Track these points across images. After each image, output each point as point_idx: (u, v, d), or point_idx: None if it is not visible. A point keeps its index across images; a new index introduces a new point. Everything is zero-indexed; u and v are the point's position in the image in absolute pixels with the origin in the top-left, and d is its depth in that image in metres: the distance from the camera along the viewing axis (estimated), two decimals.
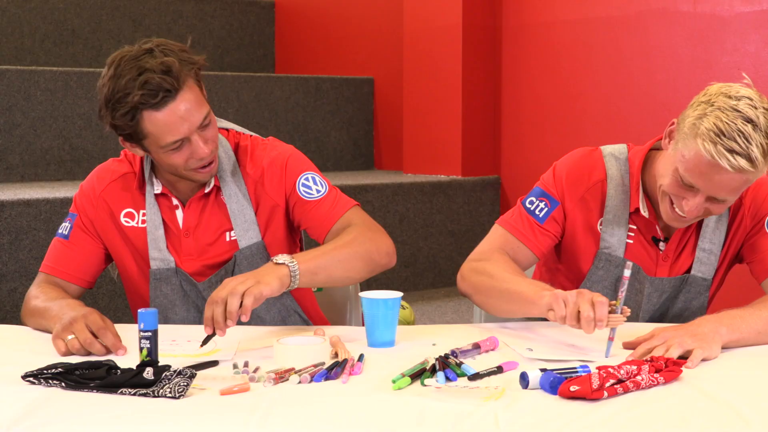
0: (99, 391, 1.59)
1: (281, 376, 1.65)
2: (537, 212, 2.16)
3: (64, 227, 2.20)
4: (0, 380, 1.66)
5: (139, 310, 1.71)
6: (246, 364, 1.72)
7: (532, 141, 4.51)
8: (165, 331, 1.95)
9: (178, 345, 1.89)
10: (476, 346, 1.83)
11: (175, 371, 1.60)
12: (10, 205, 3.38)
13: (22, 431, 1.43)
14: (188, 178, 2.10)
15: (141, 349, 1.71)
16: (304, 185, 2.17)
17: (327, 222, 2.15)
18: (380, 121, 5.17)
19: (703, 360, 1.77)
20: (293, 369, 1.70)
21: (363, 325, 1.94)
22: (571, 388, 1.53)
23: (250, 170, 2.18)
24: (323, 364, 1.72)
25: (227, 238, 2.16)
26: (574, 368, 1.65)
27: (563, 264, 2.21)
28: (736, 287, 2.69)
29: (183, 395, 1.55)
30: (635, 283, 2.15)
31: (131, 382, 1.58)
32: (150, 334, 1.71)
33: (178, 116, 1.98)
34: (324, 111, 4.93)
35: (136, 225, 2.17)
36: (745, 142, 1.86)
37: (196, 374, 1.61)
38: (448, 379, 1.65)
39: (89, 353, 1.83)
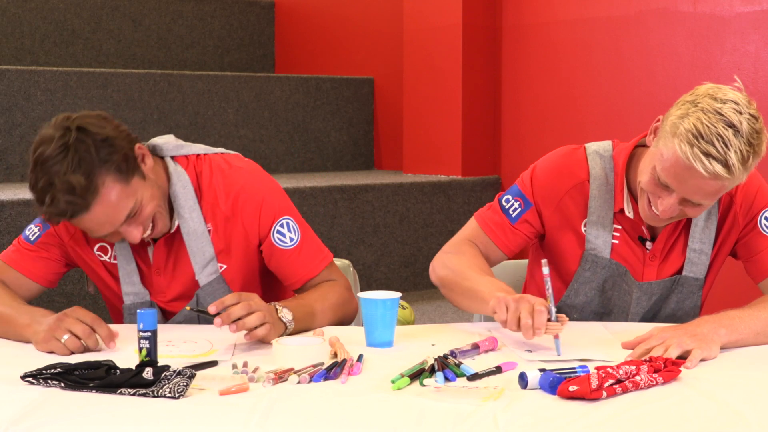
0: (98, 391, 1.59)
1: (280, 377, 1.66)
2: (510, 211, 2.15)
3: (32, 231, 2.15)
4: (0, 380, 1.66)
5: (138, 311, 1.71)
6: (245, 364, 1.72)
7: (532, 141, 4.51)
8: (160, 333, 1.95)
9: (174, 346, 1.90)
10: (475, 347, 1.83)
11: (174, 371, 1.60)
12: (10, 205, 3.38)
13: (22, 431, 1.43)
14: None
15: (140, 349, 1.71)
16: (278, 232, 2.13)
17: (303, 274, 2.14)
18: (380, 121, 5.17)
19: (702, 360, 1.77)
20: (292, 369, 1.70)
21: (362, 325, 1.94)
22: (570, 388, 1.53)
23: (221, 203, 2.10)
24: (322, 364, 1.72)
25: (196, 277, 2.12)
26: (573, 368, 1.65)
27: (552, 264, 2.16)
28: (730, 285, 2.68)
29: (182, 395, 1.56)
30: (623, 285, 2.13)
31: (131, 382, 1.58)
32: (149, 334, 1.71)
33: (95, 222, 1.93)
34: (324, 111, 4.93)
35: (108, 260, 2.13)
36: (724, 147, 1.81)
37: (195, 374, 1.61)
38: (447, 379, 1.65)
39: (87, 349, 1.83)
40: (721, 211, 2.09)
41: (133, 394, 1.57)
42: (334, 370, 1.68)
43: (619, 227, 2.11)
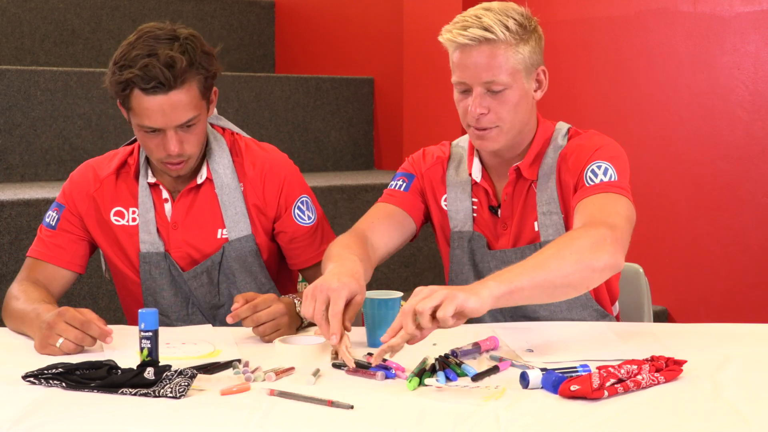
0: (99, 391, 1.59)
1: (281, 376, 1.66)
2: (398, 187, 2.23)
3: (51, 217, 2.22)
4: (0, 380, 1.66)
5: (139, 310, 1.72)
6: (246, 364, 1.72)
7: None
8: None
9: (175, 348, 1.89)
10: (476, 346, 1.83)
11: (176, 371, 1.60)
12: (10, 205, 3.38)
13: (23, 431, 1.43)
14: (159, 168, 2.14)
15: (141, 349, 1.71)
16: (299, 209, 2.23)
17: (313, 257, 2.24)
18: (380, 121, 5.17)
19: (461, 313, 1.63)
20: (293, 368, 1.70)
21: (363, 325, 1.94)
22: (572, 388, 1.53)
23: (248, 171, 2.21)
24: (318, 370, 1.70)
25: (218, 235, 2.19)
26: (575, 368, 1.65)
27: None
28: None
29: (184, 395, 1.56)
30: (486, 257, 2.14)
31: (132, 382, 1.58)
32: (150, 334, 1.71)
33: (161, 109, 2.02)
34: (324, 111, 4.93)
35: (126, 223, 2.20)
36: (476, 18, 2.01)
37: (197, 374, 1.61)
38: (448, 379, 1.65)
39: (84, 349, 1.84)
40: (557, 171, 2.10)
41: (135, 394, 1.57)
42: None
43: (476, 200, 2.17)
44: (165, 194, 2.20)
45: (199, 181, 2.18)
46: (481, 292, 1.65)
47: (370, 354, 1.75)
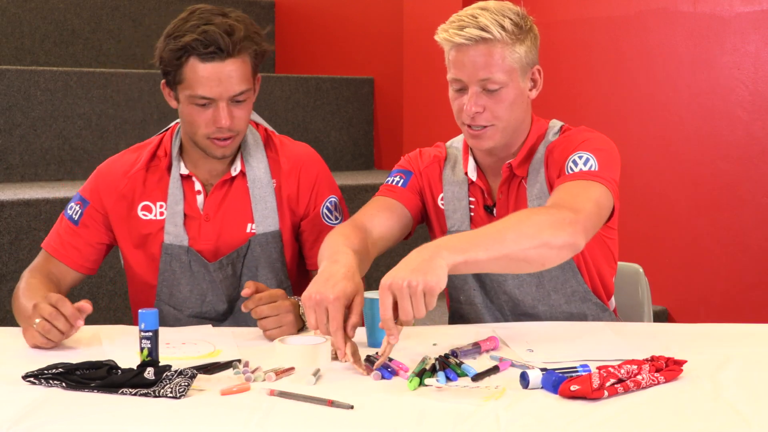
0: (99, 391, 1.59)
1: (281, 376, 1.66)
2: (395, 183, 2.22)
3: (74, 210, 2.24)
4: (0, 380, 1.66)
5: (139, 311, 1.72)
6: (246, 364, 1.72)
7: None
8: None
9: (175, 348, 1.89)
10: (476, 346, 1.83)
11: (176, 371, 1.60)
12: (10, 205, 3.38)
13: (22, 431, 1.43)
14: (203, 147, 2.13)
15: (141, 349, 1.71)
16: (327, 209, 2.26)
17: None
18: (380, 121, 5.17)
19: (429, 294, 1.64)
20: (293, 368, 1.70)
21: (363, 325, 1.93)
22: (572, 388, 1.53)
23: (284, 165, 2.23)
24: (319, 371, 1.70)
25: (247, 229, 2.20)
26: (575, 368, 1.65)
27: None
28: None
29: (184, 395, 1.55)
30: None
31: (132, 382, 1.58)
32: (151, 334, 1.71)
33: (217, 77, 2.03)
34: (324, 111, 4.93)
35: (153, 218, 2.20)
36: (472, 18, 2.02)
37: (197, 374, 1.61)
38: (448, 378, 1.65)
39: (58, 329, 1.82)
40: (545, 164, 2.12)
41: (135, 394, 1.57)
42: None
43: (473, 200, 2.17)
44: (198, 186, 2.20)
45: (233, 173, 2.20)
46: (435, 270, 1.65)
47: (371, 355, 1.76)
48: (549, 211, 1.84)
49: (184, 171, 2.20)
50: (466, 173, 2.18)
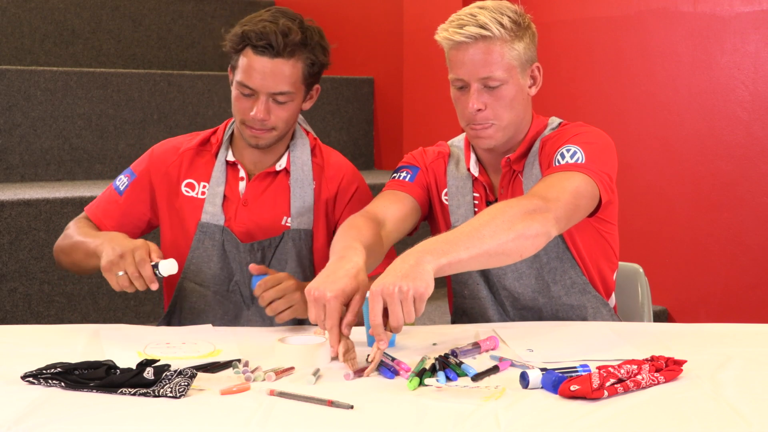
0: (99, 391, 1.59)
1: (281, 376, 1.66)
2: (402, 178, 2.25)
3: (122, 182, 2.32)
4: (0, 380, 1.66)
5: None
6: (246, 364, 1.72)
7: None
8: (157, 334, 1.96)
9: (175, 348, 1.89)
10: (476, 346, 1.83)
11: (175, 371, 1.60)
12: (10, 205, 3.38)
13: (23, 431, 1.43)
14: (240, 132, 2.23)
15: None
16: None
17: None
18: (380, 121, 5.17)
19: (418, 299, 1.64)
20: (293, 368, 1.70)
21: (363, 325, 1.93)
22: (572, 388, 1.53)
23: (327, 171, 2.31)
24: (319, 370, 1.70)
25: (282, 222, 2.26)
26: (575, 368, 1.65)
27: None
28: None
29: (183, 395, 1.55)
30: None
31: (131, 381, 1.58)
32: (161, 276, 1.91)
33: (262, 71, 2.14)
34: (324, 111, 4.93)
35: (195, 195, 2.28)
36: (471, 16, 2.05)
37: (196, 374, 1.61)
38: (448, 378, 1.65)
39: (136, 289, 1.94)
40: (540, 157, 2.13)
41: (134, 394, 1.57)
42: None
43: (477, 195, 2.20)
44: (242, 173, 2.28)
45: (278, 168, 2.28)
46: (423, 275, 1.66)
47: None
48: (520, 202, 1.86)
49: (231, 158, 2.29)
50: (468, 169, 2.19)
